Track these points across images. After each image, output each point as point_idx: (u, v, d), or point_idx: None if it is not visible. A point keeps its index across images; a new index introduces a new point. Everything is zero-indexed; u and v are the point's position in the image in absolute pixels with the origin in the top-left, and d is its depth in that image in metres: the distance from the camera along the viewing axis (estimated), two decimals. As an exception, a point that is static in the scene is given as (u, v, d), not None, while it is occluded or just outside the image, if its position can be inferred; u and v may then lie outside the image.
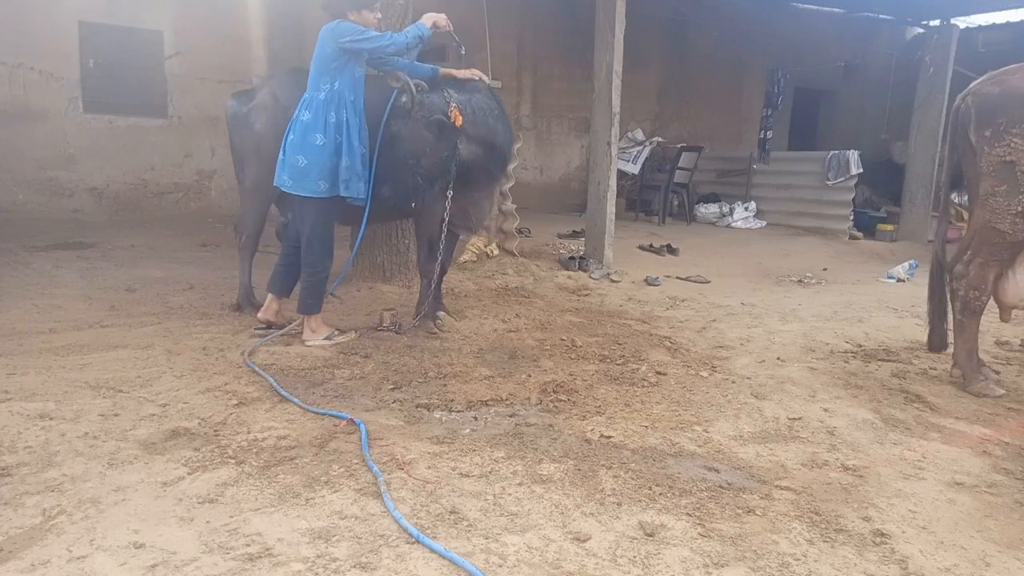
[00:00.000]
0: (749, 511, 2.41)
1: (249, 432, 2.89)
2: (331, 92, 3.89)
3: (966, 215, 4.48)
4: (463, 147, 4.14)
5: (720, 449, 2.94)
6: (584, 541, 2.19)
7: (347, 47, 3.83)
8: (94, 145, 8.18)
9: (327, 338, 4.14)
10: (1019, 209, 3.53)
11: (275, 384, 3.38)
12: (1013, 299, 3.77)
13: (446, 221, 4.32)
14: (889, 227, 10.42)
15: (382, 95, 4.16)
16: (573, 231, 8.54)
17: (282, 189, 4.02)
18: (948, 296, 4.02)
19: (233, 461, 2.62)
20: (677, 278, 6.99)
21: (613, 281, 6.66)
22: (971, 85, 3.78)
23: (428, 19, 3.97)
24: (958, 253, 3.88)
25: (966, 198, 4.13)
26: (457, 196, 4.27)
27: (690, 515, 2.36)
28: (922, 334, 5.00)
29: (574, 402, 3.40)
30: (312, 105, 3.91)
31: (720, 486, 2.58)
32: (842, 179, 9.95)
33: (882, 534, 2.31)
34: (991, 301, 3.84)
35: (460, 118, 4.06)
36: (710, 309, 5.69)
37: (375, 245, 5.66)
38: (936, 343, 4.24)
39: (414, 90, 3.99)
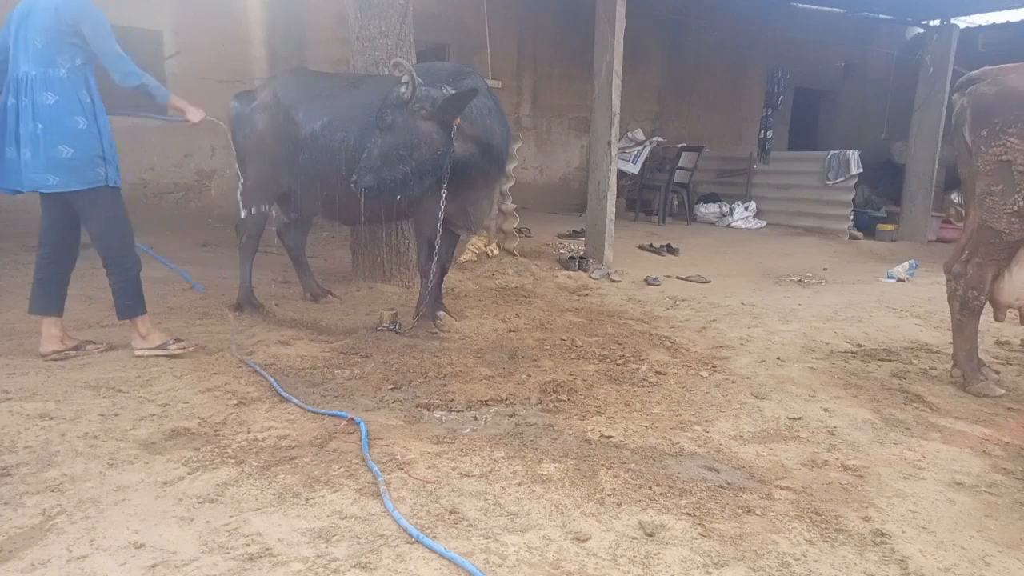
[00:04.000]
0: (749, 511, 2.42)
1: (249, 432, 2.89)
2: (74, 69, 3.40)
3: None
4: (459, 146, 4.09)
5: (720, 449, 2.94)
6: (584, 541, 2.19)
7: (84, 32, 3.38)
8: (94, 145, 8.16)
9: (161, 347, 3.70)
10: (1015, 208, 3.53)
11: (275, 384, 3.38)
12: (1008, 298, 3.77)
13: (440, 220, 4.28)
14: (889, 227, 10.42)
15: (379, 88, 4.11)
16: (573, 231, 8.54)
17: (43, 192, 3.43)
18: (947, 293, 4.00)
19: (233, 461, 2.62)
20: (677, 278, 6.99)
21: (613, 281, 6.66)
22: (963, 78, 3.79)
23: (178, 101, 3.73)
24: (956, 253, 3.88)
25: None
26: (456, 196, 4.25)
27: (690, 515, 2.36)
28: (922, 334, 5.02)
29: (574, 402, 3.40)
30: (53, 84, 3.35)
31: (720, 486, 2.58)
32: (842, 179, 9.95)
33: (882, 534, 2.31)
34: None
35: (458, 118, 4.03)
36: (710, 309, 5.69)
37: (375, 245, 5.66)
38: None
39: (417, 82, 3.88)
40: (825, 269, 7.92)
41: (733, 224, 10.75)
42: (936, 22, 10.32)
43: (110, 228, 3.61)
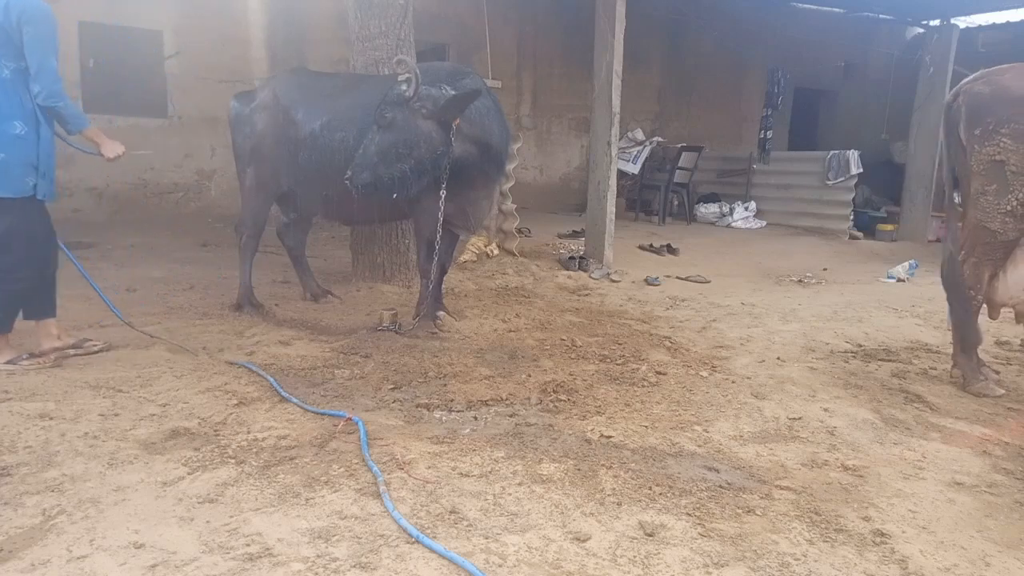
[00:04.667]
0: (749, 511, 2.41)
1: (249, 432, 2.89)
2: (19, 72, 3.27)
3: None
4: (458, 146, 4.08)
5: (720, 449, 2.94)
6: (584, 541, 2.19)
7: (24, 35, 3.22)
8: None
9: (10, 362, 3.43)
10: (1008, 208, 3.54)
11: (275, 384, 3.38)
12: (1003, 297, 3.78)
13: (440, 220, 4.27)
14: (889, 227, 10.43)
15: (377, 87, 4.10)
16: (573, 231, 8.54)
17: None
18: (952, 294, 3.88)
19: (233, 461, 2.62)
20: (677, 278, 6.99)
21: (613, 281, 6.67)
22: (962, 82, 3.79)
23: (95, 134, 3.59)
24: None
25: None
26: (455, 196, 4.24)
27: (690, 515, 2.36)
28: (922, 334, 5.02)
29: (574, 402, 3.40)
30: None
31: (720, 486, 2.58)
32: (842, 179, 9.96)
33: (882, 534, 2.31)
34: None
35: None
36: (710, 309, 5.69)
37: (375, 245, 5.67)
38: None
39: (419, 79, 3.87)
40: (825, 269, 7.92)
41: (733, 224, 10.75)
42: (936, 22, 10.33)
43: (16, 236, 3.36)
